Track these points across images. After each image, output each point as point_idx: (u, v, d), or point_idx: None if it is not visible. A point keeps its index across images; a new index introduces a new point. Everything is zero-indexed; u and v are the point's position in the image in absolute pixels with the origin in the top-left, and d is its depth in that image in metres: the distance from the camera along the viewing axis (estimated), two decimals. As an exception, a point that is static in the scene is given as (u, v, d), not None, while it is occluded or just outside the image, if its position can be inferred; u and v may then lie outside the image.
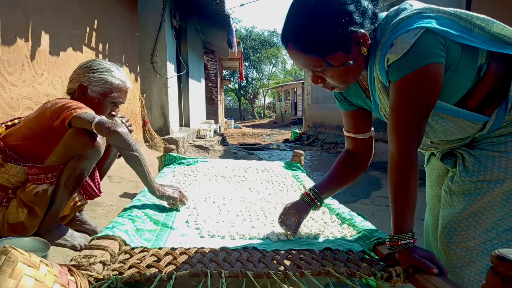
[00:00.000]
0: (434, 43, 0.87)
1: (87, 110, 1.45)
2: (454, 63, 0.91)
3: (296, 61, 0.98)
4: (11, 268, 0.54)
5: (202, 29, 8.77)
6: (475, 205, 0.98)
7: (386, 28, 0.94)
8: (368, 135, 1.23)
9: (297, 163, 2.53)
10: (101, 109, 1.59)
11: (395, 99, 0.93)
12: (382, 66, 0.94)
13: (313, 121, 12.40)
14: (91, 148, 1.44)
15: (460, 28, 0.91)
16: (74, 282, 0.65)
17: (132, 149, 1.41)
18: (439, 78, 0.89)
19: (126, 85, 1.66)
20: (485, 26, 0.93)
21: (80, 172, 1.48)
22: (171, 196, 1.49)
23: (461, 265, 0.99)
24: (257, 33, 32.72)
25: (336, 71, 0.94)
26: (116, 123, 1.40)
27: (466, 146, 1.04)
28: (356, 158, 1.25)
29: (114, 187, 2.91)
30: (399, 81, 0.91)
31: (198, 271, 0.90)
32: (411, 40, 0.86)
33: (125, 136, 1.39)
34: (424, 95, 0.90)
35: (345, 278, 0.92)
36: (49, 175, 1.44)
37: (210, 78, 12.73)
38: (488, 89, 0.95)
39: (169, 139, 5.57)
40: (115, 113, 1.65)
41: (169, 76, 5.71)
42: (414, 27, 0.87)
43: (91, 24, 3.57)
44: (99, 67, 1.61)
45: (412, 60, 0.87)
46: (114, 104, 1.62)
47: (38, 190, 1.43)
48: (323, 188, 1.26)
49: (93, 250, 0.99)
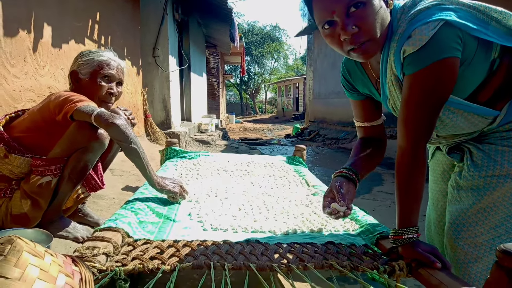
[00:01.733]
0: (453, 36, 0.85)
1: (89, 102, 1.44)
2: (469, 57, 0.90)
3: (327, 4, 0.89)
4: (16, 257, 0.54)
5: (204, 23, 8.73)
6: (484, 200, 0.97)
7: (403, 19, 0.92)
8: (379, 122, 1.20)
9: (299, 158, 2.52)
10: (96, 88, 1.58)
11: (409, 92, 0.91)
12: (397, 57, 0.92)
13: (315, 116, 12.38)
14: (95, 141, 1.44)
15: (477, 21, 0.89)
16: (78, 272, 0.65)
17: (130, 141, 1.40)
18: (454, 73, 0.87)
19: (116, 61, 1.65)
20: (502, 19, 0.91)
21: (84, 164, 1.48)
22: (172, 190, 1.49)
23: (469, 261, 0.98)
24: (259, 28, 32.57)
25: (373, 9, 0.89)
26: (115, 116, 1.39)
27: (473, 140, 1.03)
28: (372, 143, 1.20)
29: (116, 180, 2.91)
30: (414, 74, 0.89)
31: (201, 263, 0.90)
32: (430, 33, 0.84)
33: (123, 128, 1.39)
34: (438, 89, 0.88)
35: (348, 271, 0.92)
36: (53, 167, 1.44)
37: (212, 72, 12.70)
38: (500, 83, 0.94)
39: (171, 133, 5.57)
40: (113, 90, 1.62)
41: (171, 70, 5.69)
42: (433, 19, 0.85)
43: (93, 17, 3.55)
44: (86, 52, 1.62)
45: (430, 53, 0.85)
46: (107, 78, 1.60)
47: (42, 182, 1.43)
48: (358, 168, 1.10)
49: (96, 241, 0.99)
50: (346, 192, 1.03)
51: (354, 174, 1.07)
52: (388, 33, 0.94)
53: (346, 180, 1.06)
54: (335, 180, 1.08)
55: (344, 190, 1.03)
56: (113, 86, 1.63)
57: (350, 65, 1.16)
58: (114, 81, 1.64)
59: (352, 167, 1.09)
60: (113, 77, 1.63)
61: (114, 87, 1.63)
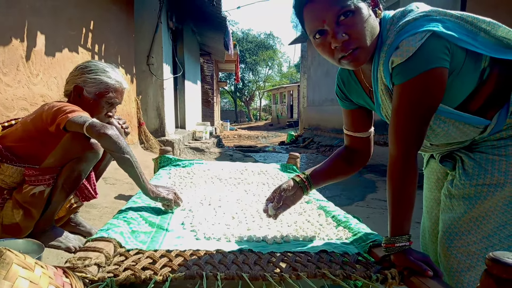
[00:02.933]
0: (440, 47, 0.86)
1: (81, 113, 1.44)
2: (457, 67, 0.91)
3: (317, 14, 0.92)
4: (5, 269, 0.54)
5: (199, 31, 8.77)
6: (475, 209, 0.97)
7: (392, 29, 0.94)
8: (368, 134, 1.22)
9: (293, 166, 2.53)
10: (97, 109, 1.59)
11: (398, 102, 0.92)
12: (386, 68, 0.93)
13: (309, 123, 12.43)
14: (90, 151, 1.44)
15: (465, 32, 0.90)
16: (69, 284, 0.65)
17: (123, 151, 1.39)
18: (442, 83, 0.88)
19: (122, 85, 1.66)
20: (491, 30, 0.92)
21: (78, 174, 1.47)
22: (166, 198, 1.48)
23: (461, 269, 0.99)
24: (253, 36, 32.77)
25: (362, 18, 0.91)
26: (106, 126, 1.39)
27: (465, 149, 1.04)
28: (354, 155, 1.24)
29: (109, 189, 2.89)
30: (402, 84, 0.90)
31: (193, 273, 0.90)
32: (417, 44, 0.85)
33: (115, 138, 1.38)
34: (427, 99, 0.89)
35: (341, 280, 0.92)
36: (46, 177, 1.43)
37: (206, 80, 12.73)
38: (490, 92, 0.95)
39: (165, 140, 5.55)
40: (111, 114, 1.64)
41: (165, 78, 5.70)
42: (420, 30, 0.86)
43: (87, 25, 3.56)
44: (94, 68, 1.60)
45: (417, 63, 0.87)
46: (110, 104, 1.62)
47: (35, 192, 1.42)
48: (316, 176, 1.22)
49: (88, 252, 0.98)
50: (286, 196, 1.17)
51: (307, 182, 1.20)
52: (378, 43, 0.96)
53: (297, 185, 1.20)
54: (287, 182, 1.21)
55: (285, 194, 1.17)
56: (113, 111, 1.65)
57: (345, 75, 1.18)
58: (115, 105, 1.65)
59: (309, 175, 1.22)
60: (116, 103, 1.64)
61: (113, 111, 1.65)
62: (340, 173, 1.26)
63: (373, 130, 1.23)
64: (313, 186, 1.22)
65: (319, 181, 1.23)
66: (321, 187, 1.26)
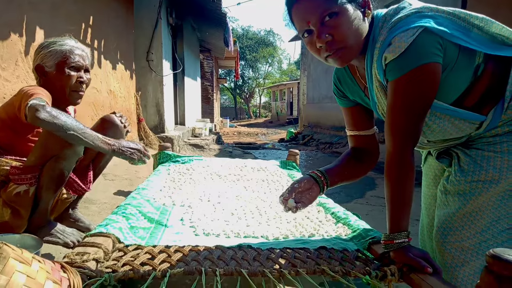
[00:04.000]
0: (432, 42, 0.87)
1: (39, 95, 1.37)
2: (451, 62, 0.92)
3: (303, 15, 0.94)
4: (2, 264, 0.53)
5: (199, 27, 8.74)
6: (470, 205, 0.98)
7: (385, 27, 0.94)
8: (372, 132, 1.20)
9: (292, 162, 2.53)
10: (65, 80, 1.53)
11: (392, 98, 0.93)
12: (379, 64, 0.94)
13: (309, 121, 12.42)
14: (68, 148, 1.38)
15: (458, 28, 0.91)
16: (66, 279, 0.65)
17: (64, 129, 1.30)
18: (436, 78, 0.89)
19: (79, 47, 1.60)
20: (484, 26, 0.93)
21: (60, 172, 1.42)
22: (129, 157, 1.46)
23: (456, 265, 0.99)
24: (253, 32, 32.69)
25: (347, 19, 0.92)
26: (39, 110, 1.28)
27: (462, 145, 1.04)
28: (363, 154, 1.20)
29: (108, 185, 2.89)
30: (396, 80, 0.91)
31: (192, 269, 0.89)
32: (409, 40, 0.86)
33: (50, 119, 1.28)
34: (421, 94, 0.90)
35: (340, 276, 0.92)
36: (28, 176, 1.39)
37: (206, 76, 12.70)
38: (485, 88, 0.96)
39: (164, 137, 5.54)
40: (83, 79, 1.57)
41: (164, 74, 5.68)
42: (412, 27, 0.87)
43: (86, 21, 3.54)
44: (46, 44, 1.57)
45: (409, 59, 0.87)
46: (75, 68, 1.55)
47: (19, 191, 1.38)
48: (330, 173, 1.13)
49: (86, 247, 0.98)
50: (303, 189, 1.08)
51: (323, 177, 1.11)
52: (370, 41, 0.97)
53: (313, 180, 1.10)
54: (303, 177, 1.13)
55: (301, 187, 1.08)
56: (82, 75, 1.57)
57: (341, 73, 1.18)
58: (81, 69, 1.58)
59: (325, 171, 1.13)
60: (80, 66, 1.57)
61: (83, 75, 1.58)
62: (353, 173, 1.19)
63: (376, 128, 1.22)
64: (329, 184, 1.12)
65: (334, 179, 1.14)
66: (336, 186, 1.17)
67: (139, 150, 1.51)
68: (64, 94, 1.55)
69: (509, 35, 0.94)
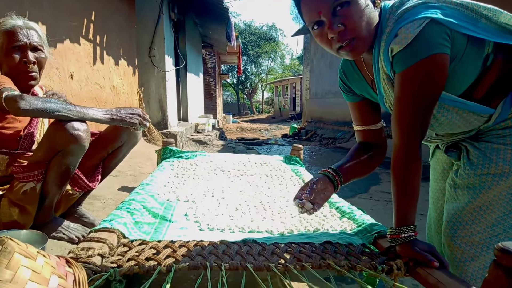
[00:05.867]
0: (439, 33, 0.86)
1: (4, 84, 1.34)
2: (459, 53, 0.90)
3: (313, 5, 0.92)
4: (7, 258, 0.53)
5: (201, 22, 8.71)
6: (479, 199, 0.97)
7: (391, 18, 0.93)
8: (379, 126, 1.19)
9: (296, 157, 2.52)
10: (9, 61, 1.47)
11: (399, 90, 0.92)
12: (386, 56, 0.93)
13: (312, 116, 12.38)
14: (74, 143, 1.37)
15: (466, 18, 0.89)
16: (72, 274, 0.64)
17: (49, 112, 1.28)
18: (444, 69, 0.88)
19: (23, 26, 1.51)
20: (492, 16, 0.91)
21: (66, 168, 1.42)
22: (129, 122, 1.45)
23: (465, 259, 0.98)
24: (255, 27, 32.55)
25: (358, 8, 0.91)
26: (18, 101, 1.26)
27: (471, 139, 1.03)
28: (371, 148, 1.18)
29: (112, 181, 2.89)
30: (403, 72, 0.90)
31: (197, 263, 0.89)
32: (416, 30, 0.85)
33: (33, 107, 1.26)
34: (428, 86, 0.88)
35: (346, 271, 0.91)
36: (34, 173, 1.38)
37: (209, 72, 12.68)
38: (494, 79, 0.94)
39: (167, 133, 5.54)
40: (27, 59, 1.49)
41: (167, 70, 5.67)
42: (419, 17, 0.86)
43: (88, 16, 3.53)
44: None
45: (416, 50, 0.86)
46: (18, 48, 1.48)
47: (26, 189, 1.38)
48: (343, 170, 1.10)
49: (91, 242, 0.98)
50: (319, 190, 1.04)
51: (337, 175, 1.08)
52: (378, 33, 0.95)
53: (327, 179, 1.07)
54: (316, 176, 1.09)
55: (318, 188, 1.04)
56: (27, 54, 1.49)
57: (347, 67, 1.17)
58: (26, 49, 1.49)
59: (338, 169, 1.10)
60: (23, 45, 1.49)
61: (29, 55, 1.49)
62: (364, 168, 1.16)
63: (383, 122, 1.21)
64: (342, 181, 1.09)
65: (347, 176, 1.11)
66: (349, 183, 1.13)
67: (138, 114, 1.48)
68: (15, 77, 1.48)
69: None
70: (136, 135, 1.70)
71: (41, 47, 1.55)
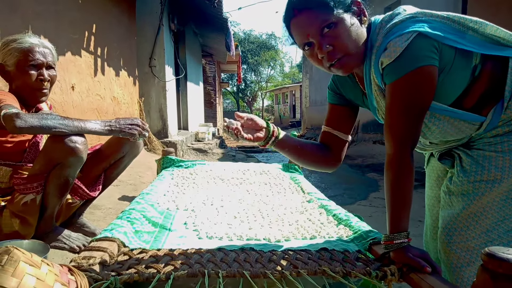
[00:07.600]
0: (427, 46, 0.89)
1: (5, 102, 1.36)
2: (448, 65, 0.94)
3: (302, 29, 0.97)
4: (13, 267, 0.56)
5: (200, 32, 8.80)
6: (474, 205, 0.99)
7: (381, 33, 0.97)
8: (345, 138, 1.21)
9: (294, 165, 2.54)
10: (25, 77, 1.51)
11: (390, 101, 0.95)
12: (377, 69, 0.97)
13: (311, 123, 12.42)
14: (72, 156, 1.39)
15: (453, 31, 0.93)
16: (74, 282, 0.67)
17: (47, 129, 1.31)
18: (432, 80, 0.91)
19: (40, 45, 1.57)
20: (478, 28, 0.95)
21: (65, 180, 1.44)
22: (128, 133, 1.46)
23: (461, 265, 1.00)
24: (255, 36, 32.76)
25: (345, 28, 0.95)
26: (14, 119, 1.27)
27: (463, 146, 1.06)
28: (326, 152, 1.21)
29: (113, 190, 2.91)
30: (393, 83, 0.93)
31: (196, 271, 0.91)
32: (404, 44, 0.89)
33: (29, 125, 1.28)
34: (417, 97, 0.92)
35: (341, 277, 0.93)
36: (34, 185, 1.41)
37: (209, 81, 12.75)
38: (484, 89, 0.97)
39: (168, 142, 5.58)
40: (43, 77, 1.55)
41: (167, 80, 5.73)
42: (407, 31, 0.90)
43: (89, 29, 3.59)
44: (5, 42, 1.55)
45: (405, 63, 0.90)
46: (35, 66, 1.53)
47: (26, 200, 1.41)
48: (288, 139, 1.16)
49: (92, 251, 1.00)
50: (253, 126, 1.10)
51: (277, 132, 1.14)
52: (368, 47, 1.00)
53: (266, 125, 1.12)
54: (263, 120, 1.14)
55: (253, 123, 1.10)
56: (43, 72, 1.54)
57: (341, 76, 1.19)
58: (42, 66, 1.55)
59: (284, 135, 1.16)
60: (40, 64, 1.54)
61: (44, 73, 1.55)
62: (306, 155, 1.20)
63: (350, 138, 1.23)
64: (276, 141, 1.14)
65: (285, 144, 1.16)
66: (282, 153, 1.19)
67: (137, 124, 1.50)
68: (27, 93, 1.53)
69: (503, 36, 0.96)
70: (138, 146, 1.72)
71: (54, 65, 1.62)
